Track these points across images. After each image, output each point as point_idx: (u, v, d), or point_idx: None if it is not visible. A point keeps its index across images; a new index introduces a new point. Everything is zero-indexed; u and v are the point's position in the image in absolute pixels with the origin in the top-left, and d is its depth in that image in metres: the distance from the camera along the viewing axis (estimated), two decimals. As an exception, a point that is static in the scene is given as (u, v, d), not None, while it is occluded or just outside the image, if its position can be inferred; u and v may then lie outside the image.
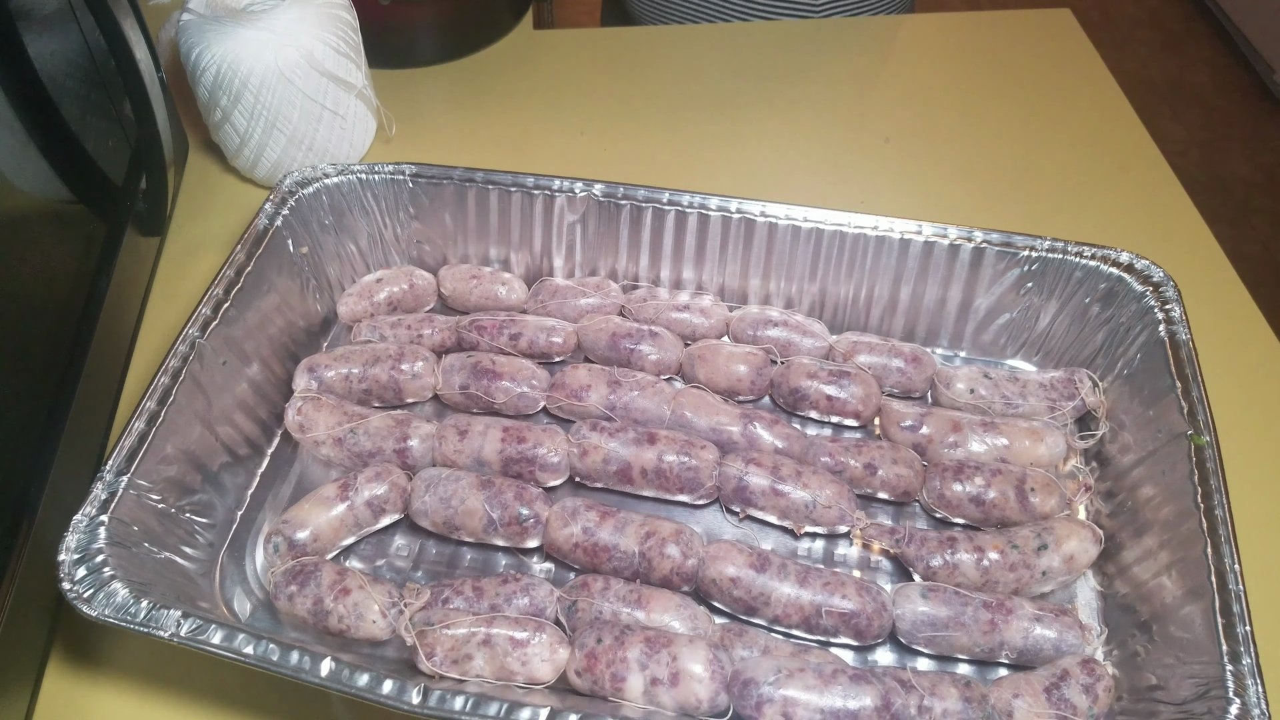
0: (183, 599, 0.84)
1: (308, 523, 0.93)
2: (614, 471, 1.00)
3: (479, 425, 1.01)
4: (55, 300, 0.96)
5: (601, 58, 1.58)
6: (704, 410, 1.05)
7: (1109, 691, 0.84)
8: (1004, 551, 0.95)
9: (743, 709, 0.81)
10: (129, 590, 0.78)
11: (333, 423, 0.99)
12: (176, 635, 0.76)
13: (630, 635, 0.84)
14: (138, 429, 0.88)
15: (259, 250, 1.04)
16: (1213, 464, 0.90)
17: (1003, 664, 0.92)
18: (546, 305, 1.15)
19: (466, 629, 0.83)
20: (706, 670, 0.82)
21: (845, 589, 0.90)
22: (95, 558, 0.80)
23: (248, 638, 0.77)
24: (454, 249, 1.20)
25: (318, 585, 0.88)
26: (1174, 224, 1.31)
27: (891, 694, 0.81)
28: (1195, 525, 0.87)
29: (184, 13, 1.23)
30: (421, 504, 0.95)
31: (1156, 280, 1.04)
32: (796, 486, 0.97)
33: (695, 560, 0.92)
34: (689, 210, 1.12)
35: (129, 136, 1.17)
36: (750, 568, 0.91)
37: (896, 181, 1.38)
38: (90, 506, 0.83)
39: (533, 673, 0.83)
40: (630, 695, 0.82)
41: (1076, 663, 0.86)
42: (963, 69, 1.56)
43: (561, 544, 0.94)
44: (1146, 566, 0.91)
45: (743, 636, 0.89)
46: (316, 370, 1.06)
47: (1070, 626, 0.90)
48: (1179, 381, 0.97)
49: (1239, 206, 2.97)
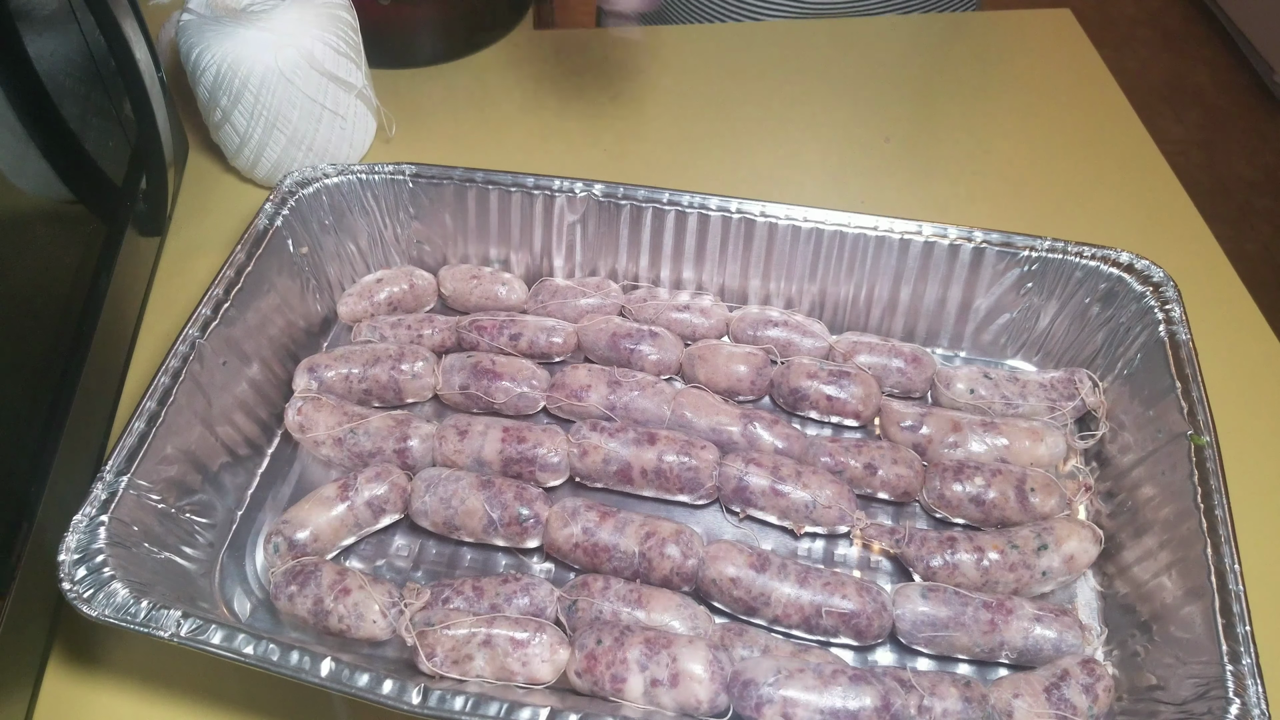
0: (183, 599, 0.84)
1: (308, 523, 0.93)
2: (614, 472, 1.00)
3: (479, 425, 1.01)
4: (55, 300, 0.96)
5: (602, 58, 1.58)
6: (704, 410, 1.05)
7: (1109, 691, 0.84)
8: (1004, 551, 0.95)
9: (743, 709, 0.81)
10: (129, 590, 0.78)
11: (333, 423, 0.99)
12: (176, 635, 0.76)
13: (630, 636, 0.84)
14: (138, 429, 0.88)
15: (259, 250, 1.04)
16: (1213, 464, 0.90)
17: (1003, 664, 0.91)
18: (547, 305, 1.15)
19: (467, 629, 0.83)
20: (706, 671, 0.82)
21: (845, 589, 0.90)
22: (95, 558, 0.80)
23: (248, 638, 0.77)
24: (454, 249, 1.20)
25: (318, 585, 0.88)
26: (1174, 224, 1.31)
27: (891, 694, 0.81)
28: (1195, 525, 0.87)
29: (184, 13, 1.23)
30: (421, 504, 0.95)
31: (1156, 280, 1.04)
32: (796, 487, 0.97)
33: (695, 560, 0.92)
34: (689, 210, 1.12)
35: (129, 136, 1.17)
36: (750, 568, 0.91)
37: (896, 181, 1.38)
38: (90, 506, 0.83)
39: (533, 673, 0.83)
40: (630, 696, 0.82)
41: (1076, 663, 0.86)
42: (963, 69, 1.56)
43: (561, 544, 0.94)
44: (1146, 566, 0.91)
45: (743, 636, 0.89)
46: (316, 370, 1.06)
47: (1070, 627, 0.90)
48: (1179, 382, 0.97)
49: (1239, 206, 2.97)
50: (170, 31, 1.38)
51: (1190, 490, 0.89)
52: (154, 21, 1.23)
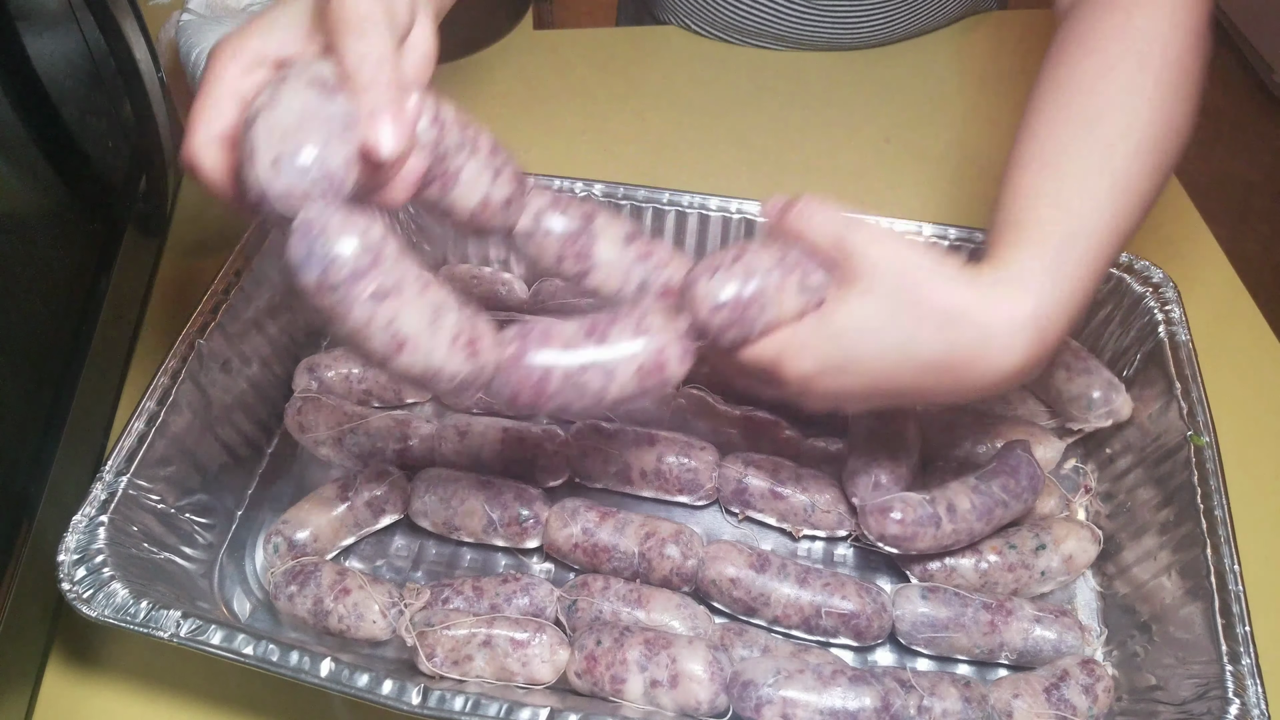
0: (183, 599, 0.84)
1: (307, 523, 0.93)
2: (614, 472, 1.00)
3: (479, 426, 1.01)
4: (55, 301, 0.96)
5: (602, 58, 1.58)
6: (703, 412, 1.05)
7: (1109, 692, 0.84)
8: (1002, 553, 0.95)
9: (742, 710, 0.81)
10: (129, 590, 0.78)
11: (333, 423, 0.99)
12: (176, 635, 0.76)
13: (630, 637, 0.84)
14: (137, 429, 0.88)
15: (258, 251, 1.03)
16: (1212, 464, 0.90)
17: (1002, 664, 0.92)
18: (548, 305, 1.15)
19: (467, 629, 0.83)
20: (706, 672, 0.82)
21: (845, 589, 0.90)
22: (95, 558, 0.80)
23: (247, 638, 0.76)
24: (454, 249, 1.19)
25: (318, 585, 0.87)
26: (1173, 224, 1.30)
27: (891, 694, 0.81)
28: (1194, 526, 0.87)
29: (184, 13, 1.23)
30: (421, 504, 0.95)
31: (1156, 281, 1.04)
32: (796, 490, 0.97)
33: (695, 560, 0.92)
34: (689, 210, 1.12)
35: (129, 137, 1.17)
36: (750, 568, 0.91)
37: (897, 181, 1.38)
38: (90, 506, 0.83)
39: (533, 674, 0.83)
40: (630, 697, 0.82)
41: (1076, 663, 0.86)
42: (963, 69, 1.56)
43: (561, 544, 0.94)
44: (1146, 567, 0.91)
45: (742, 636, 0.89)
46: (316, 370, 1.06)
47: (1070, 627, 0.90)
48: (1179, 382, 0.97)
49: (1238, 206, 2.94)
50: (170, 32, 1.36)
51: (1190, 491, 0.89)
52: (154, 22, 1.23)
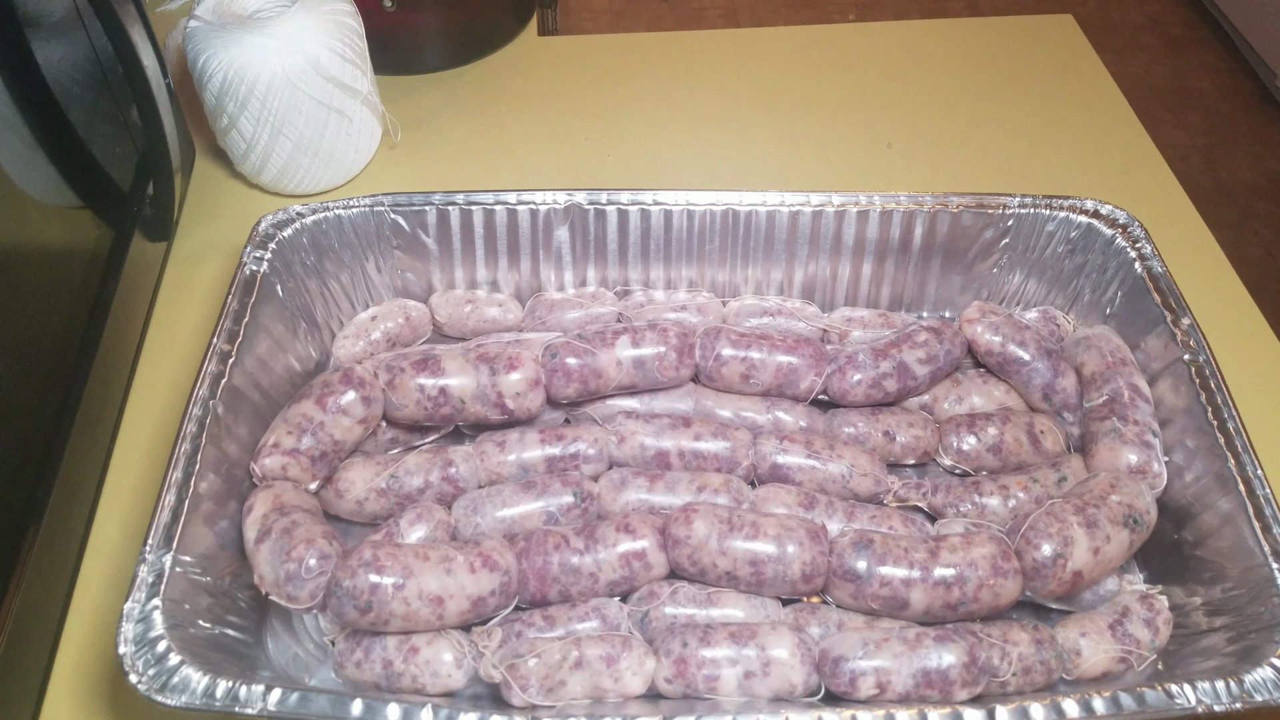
0: (246, 670, 0.80)
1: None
2: (651, 456, 1.01)
3: (514, 434, 1.00)
4: (63, 305, 0.95)
5: (605, 64, 1.58)
6: (725, 400, 1.07)
7: (1169, 624, 0.89)
8: (1028, 488, 0.99)
9: (836, 686, 0.83)
10: (200, 672, 0.74)
11: (369, 475, 0.95)
12: (265, 709, 0.72)
13: (714, 634, 0.84)
14: (169, 502, 0.82)
15: (251, 298, 0.99)
16: (1215, 380, 0.96)
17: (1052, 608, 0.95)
18: (545, 320, 1.13)
19: (559, 655, 0.81)
20: (795, 655, 0.83)
21: (891, 521, 0.96)
22: (158, 645, 0.74)
23: (344, 699, 0.73)
24: (441, 274, 1.16)
25: (384, 648, 0.84)
26: (1176, 229, 1.31)
27: (975, 648, 0.84)
28: (1212, 441, 0.92)
29: (191, 19, 1.21)
30: (472, 528, 0.93)
31: (1123, 222, 1.10)
32: (831, 459, 1.00)
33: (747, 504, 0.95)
34: (674, 208, 1.12)
35: (136, 142, 1.16)
36: (800, 506, 0.96)
37: (899, 186, 1.35)
38: (139, 591, 0.77)
39: (625, 688, 0.82)
40: (725, 691, 0.82)
41: (1136, 599, 0.90)
42: (965, 74, 1.57)
43: (617, 514, 0.95)
44: (1171, 488, 0.96)
45: (816, 614, 0.90)
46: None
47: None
48: (1165, 310, 1.03)
49: (1241, 211, 2.97)
50: (177, 38, 1.35)
51: (1199, 410, 0.95)
52: (161, 28, 1.19)
